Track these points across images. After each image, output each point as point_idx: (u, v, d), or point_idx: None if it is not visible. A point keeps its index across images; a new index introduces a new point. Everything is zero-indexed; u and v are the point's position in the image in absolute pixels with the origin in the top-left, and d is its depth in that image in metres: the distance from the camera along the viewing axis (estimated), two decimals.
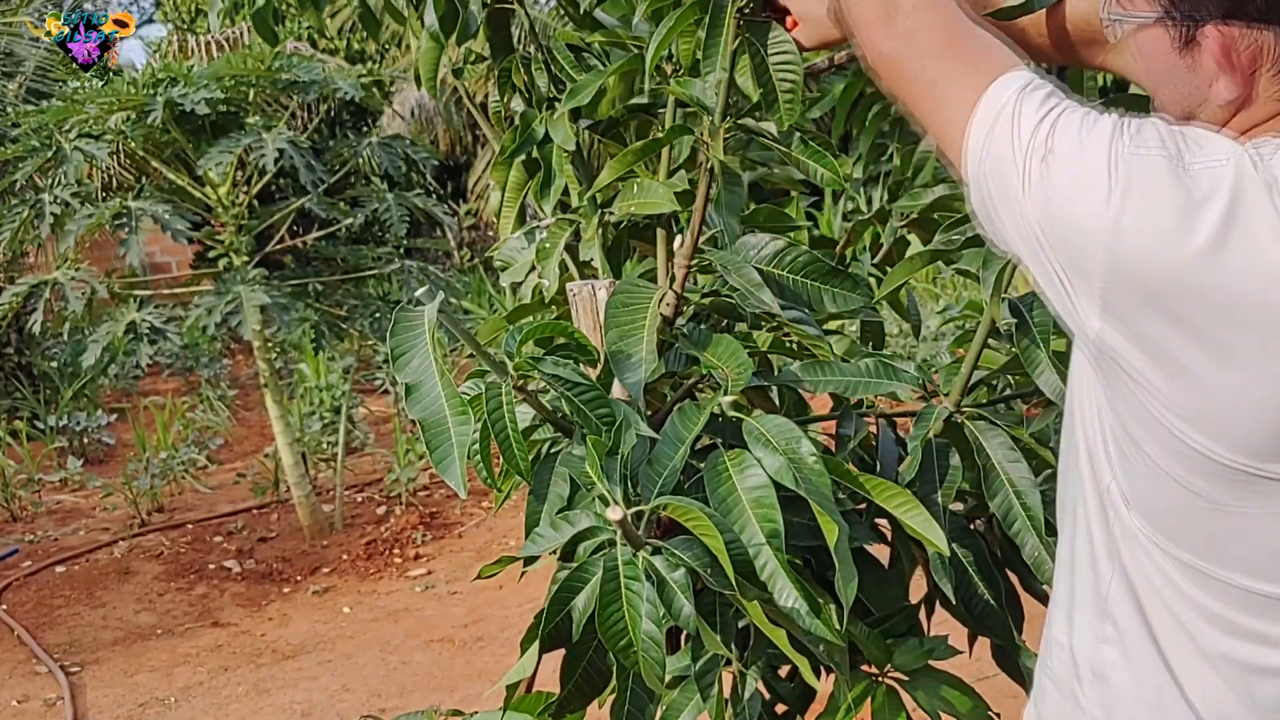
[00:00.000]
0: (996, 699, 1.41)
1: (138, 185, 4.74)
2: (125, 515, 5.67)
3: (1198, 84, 0.93)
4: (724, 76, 1.23)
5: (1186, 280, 0.84)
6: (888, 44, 1.02)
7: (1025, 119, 0.92)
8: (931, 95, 0.99)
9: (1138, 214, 0.85)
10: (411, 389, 1.09)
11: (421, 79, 1.62)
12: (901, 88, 1.03)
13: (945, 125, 0.98)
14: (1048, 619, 1.12)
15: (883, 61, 1.03)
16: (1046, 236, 0.90)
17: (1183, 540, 0.94)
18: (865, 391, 1.37)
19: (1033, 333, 1.34)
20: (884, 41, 1.02)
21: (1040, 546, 1.32)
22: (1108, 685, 1.02)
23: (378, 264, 5.06)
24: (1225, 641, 0.95)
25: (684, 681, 1.42)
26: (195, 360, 8.07)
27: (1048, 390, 1.32)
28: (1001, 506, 1.34)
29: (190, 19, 13.40)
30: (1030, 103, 0.92)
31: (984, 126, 0.94)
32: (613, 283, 1.43)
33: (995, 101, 0.94)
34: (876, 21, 1.02)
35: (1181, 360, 0.87)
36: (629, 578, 1.09)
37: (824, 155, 1.32)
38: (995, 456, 1.35)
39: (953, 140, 0.97)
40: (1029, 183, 0.90)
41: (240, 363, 9.06)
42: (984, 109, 0.94)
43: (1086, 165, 0.87)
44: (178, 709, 3.74)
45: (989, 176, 0.93)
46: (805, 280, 1.36)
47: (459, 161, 12.23)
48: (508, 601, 4.32)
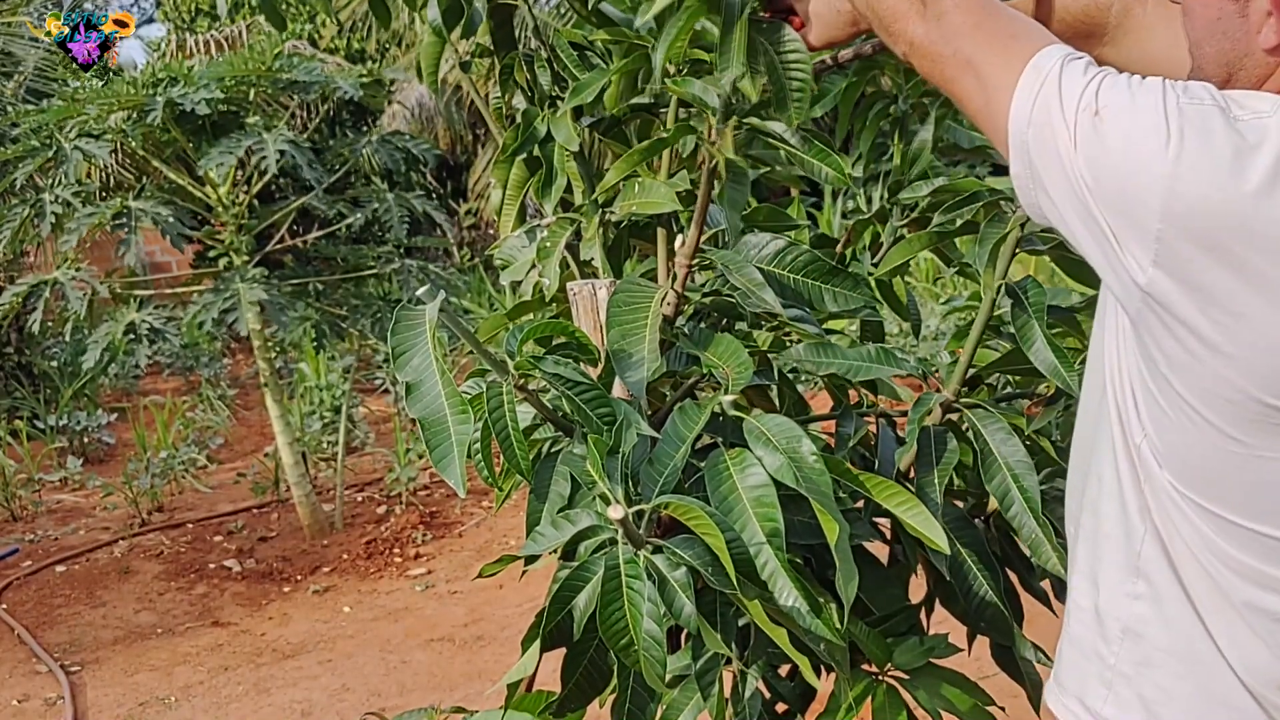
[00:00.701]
0: (996, 698, 1.41)
1: (138, 185, 4.74)
2: (125, 515, 5.67)
3: (1245, 32, 0.95)
4: (741, 72, 1.23)
5: (1241, 220, 0.87)
6: (922, 29, 1.03)
7: (1071, 82, 0.94)
8: (971, 72, 1.01)
9: (1195, 158, 0.88)
10: (412, 388, 1.09)
11: (423, 74, 1.62)
12: (939, 71, 1.04)
13: (987, 98, 1.00)
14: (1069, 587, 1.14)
15: (918, 48, 1.05)
16: (1097, 191, 0.92)
17: (1215, 494, 0.97)
18: (867, 375, 1.38)
19: (1029, 311, 1.35)
20: (918, 28, 1.04)
21: (1038, 529, 1.33)
22: (1140, 641, 1.05)
23: (378, 263, 5.06)
24: (1255, 593, 0.98)
25: (684, 680, 1.42)
26: (195, 360, 8.08)
27: (1041, 365, 1.33)
28: (999, 490, 1.34)
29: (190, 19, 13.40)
30: (1074, 69, 0.95)
31: (1029, 92, 0.96)
32: (613, 282, 1.43)
33: (1040, 68, 0.96)
34: (908, 10, 1.04)
35: (1231, 302, 0.89)
36: (630, 576, 1.09)
37: (829, 154, 1.32)
38: (993, 441, 1.36)
39: (996, 112, 0.99)
40: (1079, 141, 0.92)
41: (240, 362, 9.06)
42: (1028, 77, 0.96)
43: (1141, 116, 0.90)
44: (178, 708, 3.74)
45: (1034, 142, 0.95)
46: (806, 279, 1.36)
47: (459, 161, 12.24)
48: (508, 601, 4.32)
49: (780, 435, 1.20)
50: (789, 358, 1.40)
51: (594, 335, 1.38)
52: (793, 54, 1.26)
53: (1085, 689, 1.10)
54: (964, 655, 1.46)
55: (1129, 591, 1.05)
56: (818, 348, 1.39)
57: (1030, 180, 0.97)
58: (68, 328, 4.53)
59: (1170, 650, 1.03)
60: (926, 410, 1.41)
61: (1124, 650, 1.06)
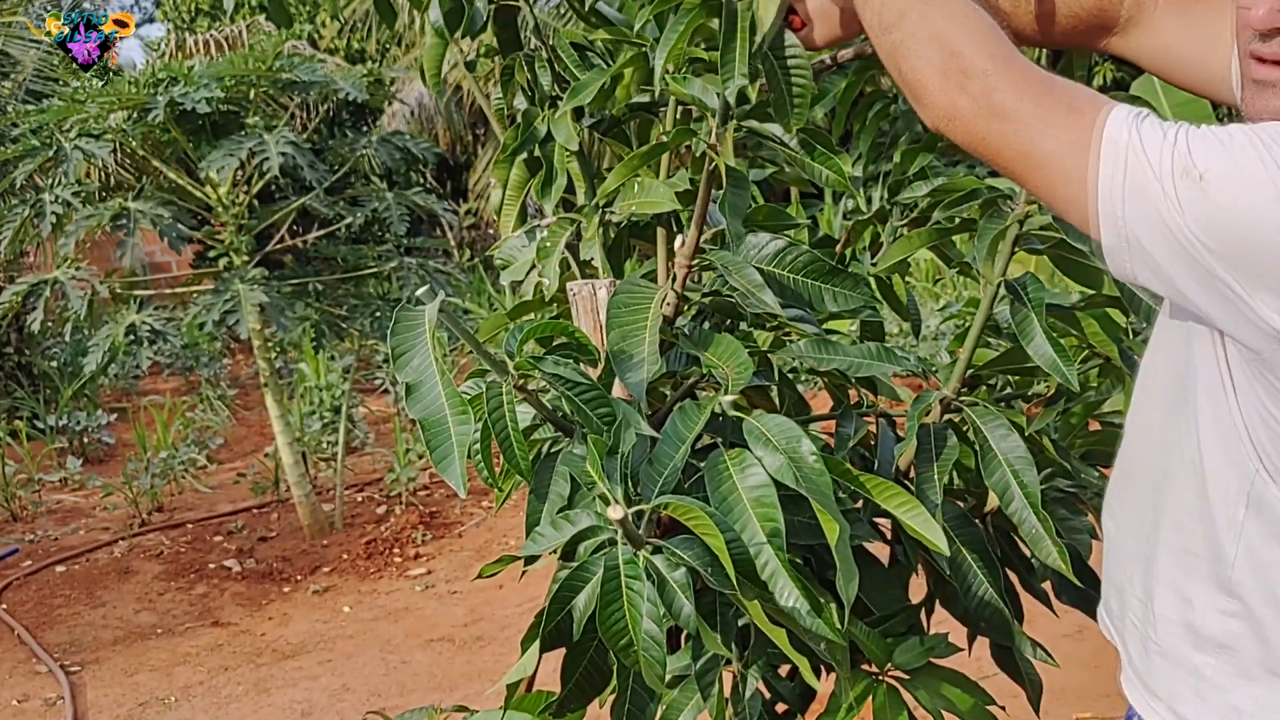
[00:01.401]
0: (997, 698, 1.41)
1: (138, 185, 4.74)
2: (125, 515, 5.67)
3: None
4: (745, 83, 1.22)
5: None
6: (963, 102, 1.00)
7: (1153, 147, 0.94)
8: (1032, 153, 0.99)
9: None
10: (412, 388, 1.09)
11: (425, 75, 1.61)
12: (989, 146, 1.01)
13: (1054, 177, 0.98)
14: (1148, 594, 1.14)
15: (958, 121, 1.02)
16: (1219, 251, 0.92)
17: None
18: (867, 371, 1.38)
19: (1029, 305, 1.35)
20: (957, 100, 1.01)
21: (1038, 524, 1.33)
22: (1234, 655, 1.06)
23: (378, 263, 5.06)
24: None
25: (684, 681, 1.42)
26: (195, 360, 8.09)
27: (1040, 360, 1.33)
28: (999, 485, 1.34)
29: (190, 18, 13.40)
30: (1150, 134, 0.94)
31: (1112, 166, 0.95)
32: (613, 282, 1.43)
33: (1116, 139, 0.95)
34: (944, 84, 1.01)
35: None
36: (630, 577, 1.09)
37: (829, 157, 1.32)
38: (992, 438, 1.36)
39: (1068, 190, 0.98)
40: (1185, 206, 0.92)
41: (240, 362, 9.06)
42: (1106, 150, 0.95)
43: (1245, 173, 0.91)
44: (178, 708, 3.74)
45: (1132, 216, 0.95)
46: (806, 279, 1.36)
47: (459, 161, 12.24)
48: (508, 601, 4.32)
49: (780, 435, 1.20)
50: (791, 353, 1.41)
51: (594, 335, 1.38)
52: (793, 58, 1.26)
53: (1177, 697, 1.11)
54: (964, 655, 1.46)
55: (1222, 609, 1.06)
56: (819, 344, 1.39)
57: (1126, 251, 0.97)
58: (68, 328, 4.53)
59: (1265, 663, 1.05)
60: (926, 407, 1.41)
61: (1219, 664, 1.07)
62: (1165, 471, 1.10)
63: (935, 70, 1.02)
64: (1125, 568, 1.18)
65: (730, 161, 1.28)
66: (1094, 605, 1.56)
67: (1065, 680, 3.11)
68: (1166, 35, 1.17)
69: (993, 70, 0.99)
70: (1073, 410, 1.61)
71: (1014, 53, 1.01)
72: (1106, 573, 1.24)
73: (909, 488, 1.31)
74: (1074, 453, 1.58)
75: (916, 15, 1.04)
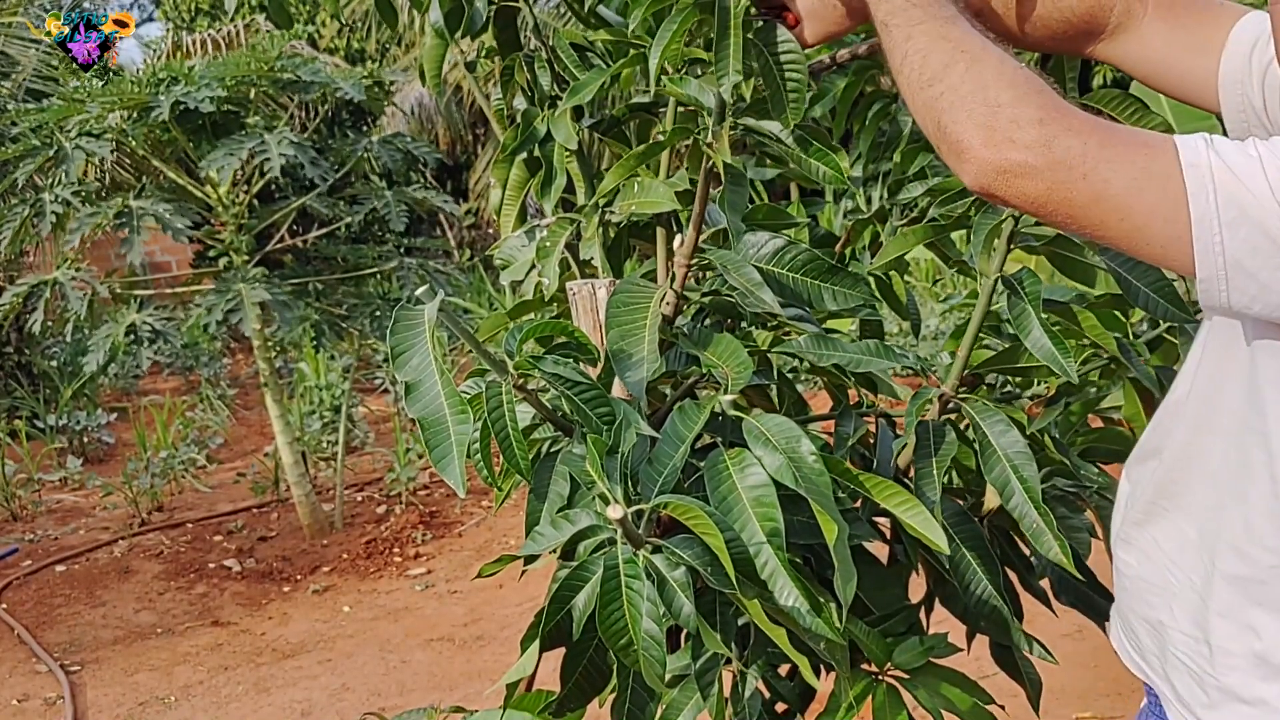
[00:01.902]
0: (996, 698, 1.41)
1: (138, 184, 4.74)
2: (125, 514, 5.67)
3: None
4: (739, 79, 1.22)
5: None
6: (1015, 155, 0.95)
7: (1241, 166, 0.91)
8: (1107, 199, 0.94)
9: None
10: (411, 387, 1.09)
11: (426, 75, 1.62)
12: (1051, 200, 0.96)
13: (1143, 222, 0.94)
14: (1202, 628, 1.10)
15: (1011, 178, 0.96)
16: None
17: None
18: (869, 367, 1.37)
19: (1025, 300, 1.35)
20: (1008, 154, 0.95)
21: (1039, 519, 1.32)
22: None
23: (378, 263, 5.06)
24: None
25: (684, 680, 1.42)
26: (195, 359, 8.09)
27: (1039, 353, 1.32)
28: (999, 481, 1.34)
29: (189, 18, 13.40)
30: (1226, 146, 0.92)
31: (1204, 197, 0.92)
32: (613, 282, 1.43)
33: (1198, 165, 0.92)
34: (991, 137, 0.96)
35: None
36: (629, 576, 1.09)
37: (827, 154, 1.32)
38: (991, 433, 1.35)
39: (1160, 229, 0.94)
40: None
41: (240, 362, 9.06)
42: (1194, 183, 0.92)
43: None
44: (178, 708, 3.74)
45: (1231, 239, 0.92)
46: (805, 278, 1.36)
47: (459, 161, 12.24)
48: (508, 600, 4.32)
49: (780, 435, 1.20)
50: (791, 348, 1.40)
51: (593, 335, 1.38)
52: (787, 54, 1.26)
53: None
54: (964, 655, 1.46)
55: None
56: (819, 340, 1.39)
57: (1224, 280, 0.93)
58: (68, 328, 4.53)
59: None
60: (925, 402, 1.40)
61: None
62: (1220, 500, 1.07)
63: (980, 124, 0.96)
64: (1162, 603, 1.14)
65: (727, 159, 1.28)
66: (1093, 605, 1.57)
67: (1065, 680, 3.11)
68: (1155, 42, 1.17)
69: (1048, 119, 0.95)
70: (1072, 408, 1.61)
71: (1067, 104, 0.97)
72: (1129, 607, 1.20)
73: (908, 486, 1.31)
74: (1074, 450, 1.58)
75: (962, 69, 0.99)
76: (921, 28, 1.04)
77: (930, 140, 1.04)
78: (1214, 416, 1.09)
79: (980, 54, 1.00)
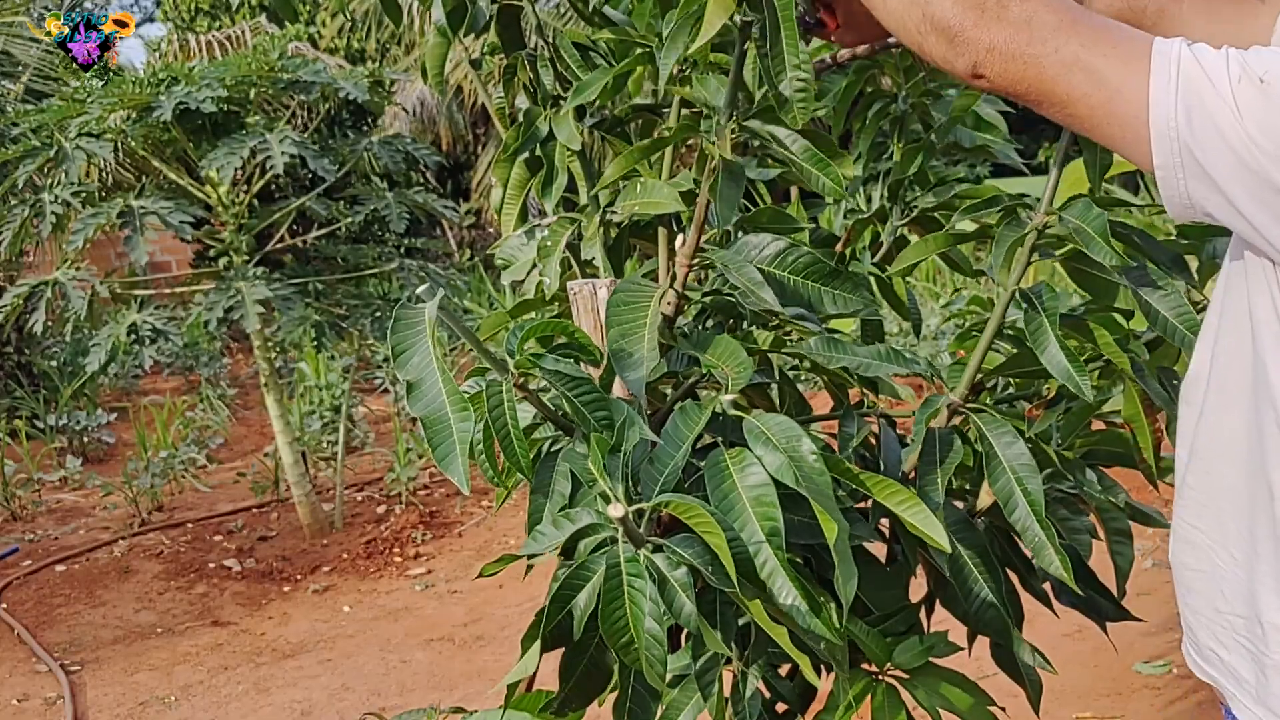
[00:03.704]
0: (996, 698, 1.41)
1: (138, 185, 4.74)
2: (125, 514, 5.67)
3: None
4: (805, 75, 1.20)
5: None
6: (1004, 33, 0.98)
7: (1210, 60, 0.93)
8: (1079, 69, 0.97)
9: None
10: (412, 386, 1.09)
11: (428, 74, 1.62)
12: (1034, 73, 0.98)
13: (1110, 93, 0.96)
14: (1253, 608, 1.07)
15: (1002, 51, 0.98)
16: (1277, 155, 0.91)
17: None
18: (877, 371, 1.37)
19: (1043, 314, 1.34)
20: (995, 34, 0.98)
21: (1041, 533, 1.32)
22: None
23: (378, 263, 5.06)
24: None
25: (685, 680, 1.42)
26: (195, 359, 8.09)
27: (1054, 370, 1.31)
28: (1003, 493, 1.34)
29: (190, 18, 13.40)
30: (1202, 49, 0.93)
31: (1166, 78, 0.93)
32: (613, 281, 1.43)
33: (1168, 55, 0.94)
34: (979, 18, 0.98)
35: None
36: (631, 575, 1.09)
37: (825, 163, 1.31)
38: (998, 445, 1.35)
39: (1125, 105, 0.96)
40: (1244, 111, 0.91)
41: (240, 362, 9.06)
42: (1159, 64, 0.94)
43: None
44: (178, 708, 3.74)
45: (1185, 125, 0.93)
46: (806, 281, 1.36)
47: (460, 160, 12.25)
48: (508, 600, 4.32)
49: (780, 435, 1.20)
50: (801, 350, 1.40)
51: (594, 335, 1.38)
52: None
53: None
54: (964, 655, 1.46)
55: None
56: (829, 342, 1.39)
57: (1180, 168, 0.95)
58: (68, 328, 4.53)
59: None
60: (934, 412, 1.40)
61: None
62: (1246, 473, 1.06)
63: (967, 8, 0.98)
64: (1218, 592, 1.11)
65: (727, 155, 1.28)
66: (1094, 606, 1.57)
67: (1065, 680, 3.11)
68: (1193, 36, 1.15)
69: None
70: (1072, 410, 1.61)
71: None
72: (1192, 608, 1.16)
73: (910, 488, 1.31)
74: (1075, 452, 1.58)
75: None
76: None
77: (910, 42, 1.04)
78: (1227, 394, 1.08)
79: None
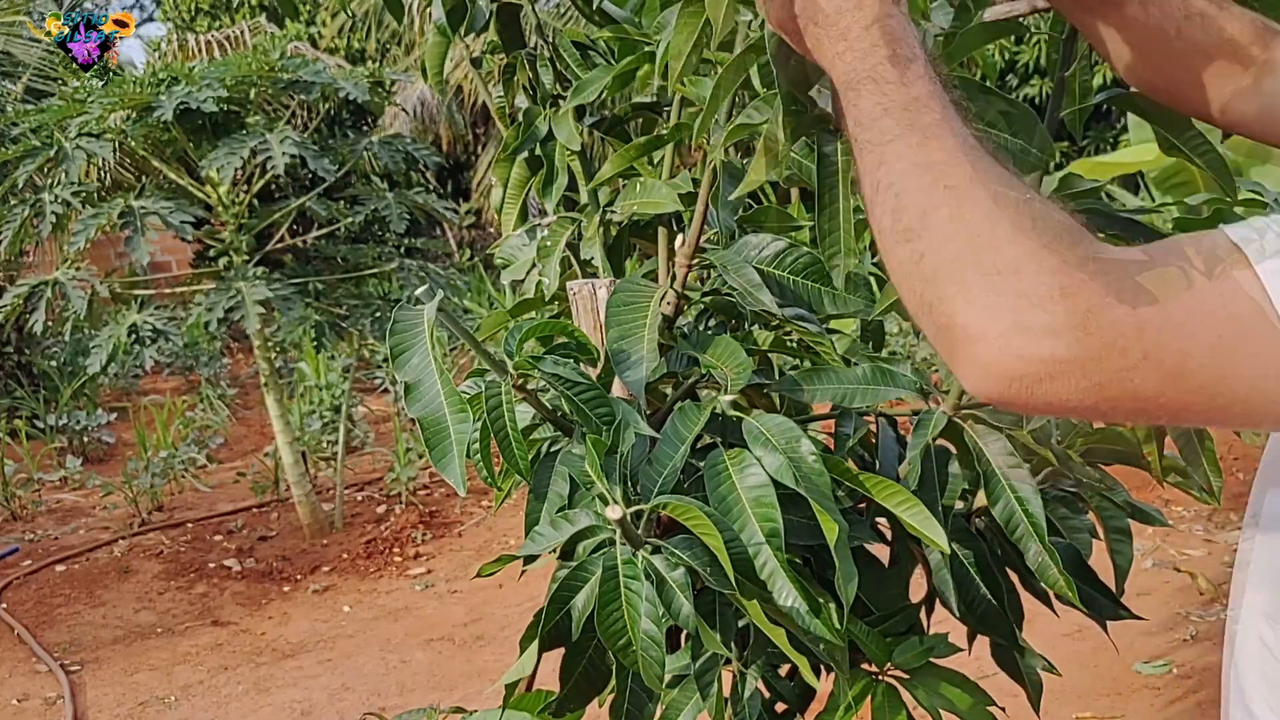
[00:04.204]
0: (996, 698, 1.41)
1: (138, 185, 4.74)
2: (125, 514, 5.67)
3: None
4: None
5: None
6: (1040, 350, 0.68)
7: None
8: (1185, 374, 0.68)
9: None
10: (411, 388, 1.09)
11: (428, 73, 1.62)
12: (1095, 400, 0.69)
13: (1237, 383, 0.69)
14: None
15: (1037, 385, 0.69)
16: None
17: None
18: (863, 400, 1.35)
19: None
20: (1028, 350, 0.68)
21: (1044, 551, 1.30)
22: None
23: (378, 263, 5.06)
24: None
25: (683, 680, 1.42)
26: (195, 359, 8.09)
27: None
28: (1004, 513, 1.33)
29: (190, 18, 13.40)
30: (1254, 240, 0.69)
31: None
32: (613, 281, 1.43)
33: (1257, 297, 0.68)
34: (998, 330, 0.69)
35: None
36: (628, 577, 1.09)
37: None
38: (995, 462, 1.33)
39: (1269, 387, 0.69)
40: None
41: (240, 362, 9.07)
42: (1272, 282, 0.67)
43: None
44: (178, 708, 3.74)
45: None
46: (805, 281, 1.36)
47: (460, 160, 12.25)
48: (507, 600, 4.32)
49: (780, 435, 1.19)
50: (778, 387, 1.37)
51: (593, 335, 1.38)
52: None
53: None
54: (964, 655, 1.46)
55: None
56: (811, 374, 1.35)
57: None
58: (68, 328, 4.53)
59: None
60: (928, 435, 1.38)
61: None
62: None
63: (979, 305, 0.69)
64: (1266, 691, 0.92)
65: (720, 158, 1.28)
66: (1095, 605, 1.56)
67: (1065, 680, 3.10)
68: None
69: (1072, 284, 0.67)
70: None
71: (1093, 242, 0.71)
72: None
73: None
74: (1074, 450, 1.58)
75: (946, 215, 0.71)
76: (893, 147, 0.76)
77: (915, 321, 0.76)
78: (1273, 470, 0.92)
79: (969, 185, 0.72)
